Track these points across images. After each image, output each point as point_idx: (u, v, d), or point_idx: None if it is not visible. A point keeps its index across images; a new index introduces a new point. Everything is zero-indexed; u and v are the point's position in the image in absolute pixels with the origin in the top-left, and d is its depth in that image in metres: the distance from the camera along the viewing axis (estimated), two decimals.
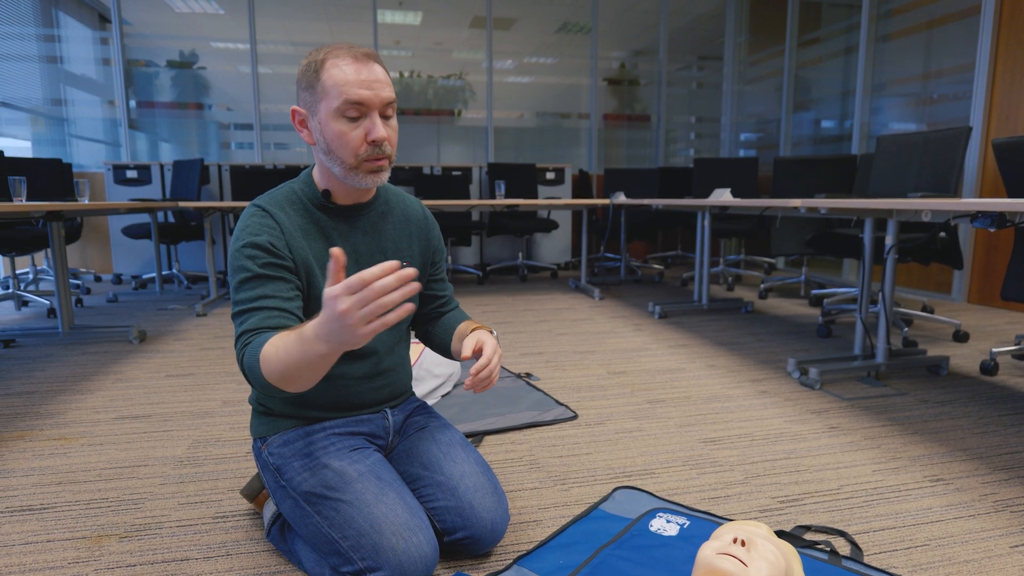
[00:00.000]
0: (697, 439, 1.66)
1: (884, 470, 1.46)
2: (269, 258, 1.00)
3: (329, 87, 0.99)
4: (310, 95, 1.01)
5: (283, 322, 0.97)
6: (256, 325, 0.96)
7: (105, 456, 1.56)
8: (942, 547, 1.14)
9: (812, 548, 1.13)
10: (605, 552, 1.10)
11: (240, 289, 1.00)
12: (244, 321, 0.97)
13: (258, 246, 1.00)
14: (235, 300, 1.00)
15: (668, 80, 6.20)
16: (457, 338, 1.19)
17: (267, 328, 0.96)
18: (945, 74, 3.91)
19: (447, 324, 1.26)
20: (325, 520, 0.98)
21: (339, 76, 0.98)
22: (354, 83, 0.98)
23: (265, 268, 1.00)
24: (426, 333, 1.30)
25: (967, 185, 3.70)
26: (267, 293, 0.99)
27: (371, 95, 0.99)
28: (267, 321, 0.96)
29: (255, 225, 1.02)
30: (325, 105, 0.99)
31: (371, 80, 0.99)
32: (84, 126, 5.27)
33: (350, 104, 0.98)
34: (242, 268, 1.00)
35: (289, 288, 1.01)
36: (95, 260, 5.25)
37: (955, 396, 2.00)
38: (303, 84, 1.02)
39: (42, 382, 2.19)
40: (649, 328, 3.07)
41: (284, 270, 1.01)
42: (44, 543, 1.16)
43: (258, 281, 0.99)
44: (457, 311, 1.31)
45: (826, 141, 5.06)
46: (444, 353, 1.25)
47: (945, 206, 1.62)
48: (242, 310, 0.99)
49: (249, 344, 0.94)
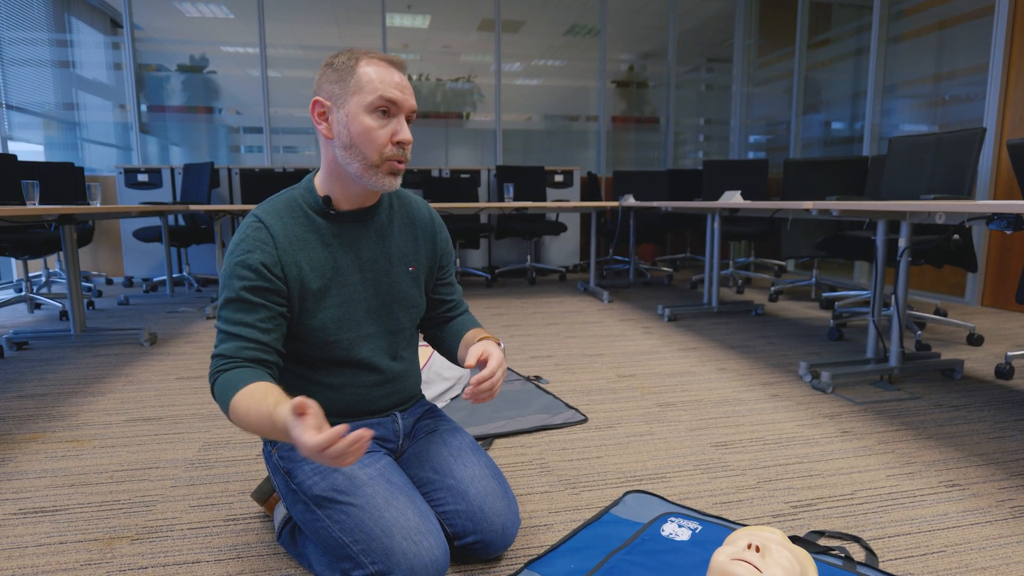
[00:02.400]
0: (708, 443, 1.65)
1: (898, 475, 1.45)
2: (257, 281, 1.00)
3: (364, 82, 1.00)
4: (340, 88, 1.01)
5: (258, 355, 1.00)
6: (232, 353, 0.98)
7: (117, 458, 1.57)
8: (959, 553, 1.12)
9: (826, 554, 1.11)
10: (616, 557, 1.09)
11: (225, 306, 1.02)
12: (222, 341, 1.00)
13: (249, 267, 1.00)
14: (219, 315, 1.03)
15: (677, 82, 6.18)
16: (463, 346, 1.19)
17: (241, 360, 0.98)
18: (957, 75, 3.87)
19: (455, 330, 1.25)
20: (336, 524, 0.98)
21: (376, 74, 1.00)
22: (390, 83, 1.01)
23: (251, 293, 1.00)
24: (434, 338, 1.30)
25: (981, 187, 3.67)
26: (247, 321, 1.00)
27: (403, 98, 1.02)
28: (243, 352, 0.99)
29: (249, 240, 1.02)
30: (357, 99, 1.00)
31: (404, 85, 1.03)
32: (96, 130, 5.32)
33: (385, 100, 1.00)
34: (229, 287, 1.01)
35: (270, 318, 1.02)
36: (107, 263, 5.29)
37: (970, 400, 1.98)
38: (332, 77, 1.02)
39: (54, 384, 2.21)
40: (658, 331, 3.06)
41: (271, 293, 1.02)
42: (57, 545, 1.17)
43: (240, 305, 1.00)
44: (466, 316, 1.30)
45: (836, 143, 5.03)
46: (451, 359, 1.25)
47: (960, 208, 1.60)
48: (222, 329, 1.01)
49: (223, 374, 0.97)
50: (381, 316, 1.14)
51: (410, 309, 1.18)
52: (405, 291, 1.17)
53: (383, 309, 1.14)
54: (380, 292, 1.13)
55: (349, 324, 1.09)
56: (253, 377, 0.95)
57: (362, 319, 1.11)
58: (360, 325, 1.11)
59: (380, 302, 1.13)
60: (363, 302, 1.11)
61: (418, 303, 1.20)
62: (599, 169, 6.13)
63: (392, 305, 1.15)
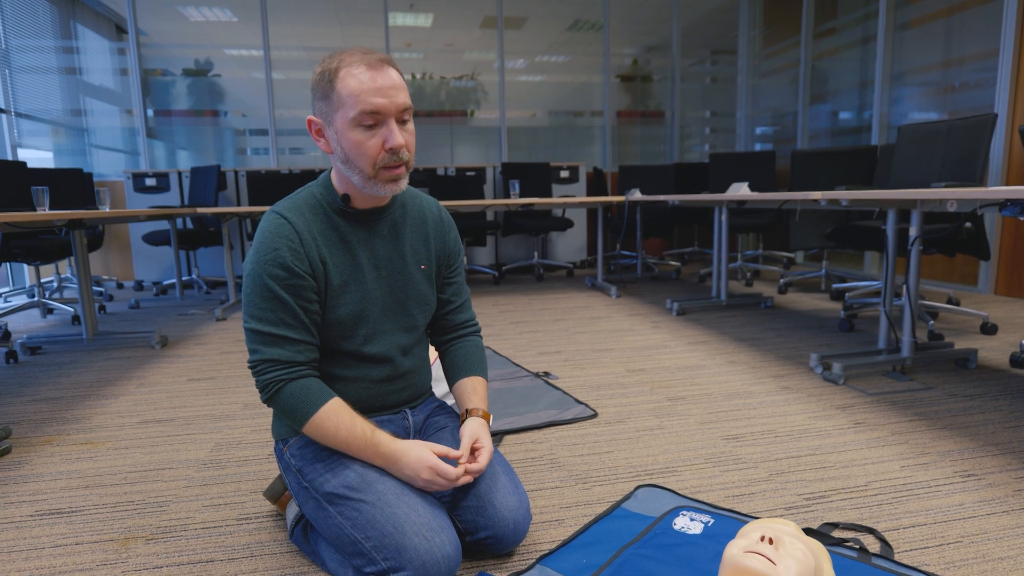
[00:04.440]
0: (719, 436, 1.64)
1: (913, 466, 1.43)
2: (291, 279, 1.01)
3: (344, 96, 0.97)
4: (325, 105, 1.01)
5: (312, 355, 1.05)
6: (288, 358, 1.02)
7: (130, 460, 1.58)
8: (975, 544, 1.11)
9: (841, 546, 1.11)
10: (629, 551, 1.09)
11: (260, 306, 1.01)
12: (268, 344, 1.01)
13: (282, 265, 1.01)
14: (255, 315, 1.01)
15: (682, 75, 6.15)
16: (457, 394, 1.21)
17: (303, 365, 1.03)
18: (967, 61, 3.83)
19: (455, 366, 1.24)
20: (347, 521, 0.98)
21: (354, 85, 0.97)
22: (369, 91, 0.96)
23: (288, 291, 1.01)
24: (438, 345, 1.30)
25: (992, 174, 3.62)
26: (291, 322, 1.02)
27: (386, 103, 0.98)
28: (299, 355, 1.03)
29: (276, 239, 1.02)
30: (341, 115, 0.98)
31: (386, 87, 0.98)
32: (103, 136, 5.36)
33: (366, 113, 0.97)
34: (265, 287, 1.01)
35: (309, 314, 1.04)
36: (117, 267, 5.33)
37: (985, 390, 1.96)
38: (318, 94, 1.01)
39: (68, 388, 2.23)
40: (667, 325, 3.05)
41: (305, 290, 1.03)
42: (73, 546, 1.18)
43: (280, 303, 1.01)
44: (472, 342, 1.27)
45: (844, 133, 4.98)
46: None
47: (972, 194, 1.58)
48: (264, 331, 1.01)
49: (288, 383, 1.01)
50: (396, 313, 1.14)
51: (424, 307, 1.19)
52: (419, 289, 1.17)
53: (398, 307, 1.14)
54: (395, 290, 1.14)
55: (365, 321, 1.10)
56: (327, 395, 1.03)
57: (378, 316, 1.12)
58: (376, 322, 1.11)
59: (395, 300, 1.14)
60: (379, 300, 1.12)
61: (431, 300, 1.21)
62: (605, 164, 6.11)
63: (407, 303, 1.16)
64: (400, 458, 1.01)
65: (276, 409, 1.03)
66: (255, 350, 1.02)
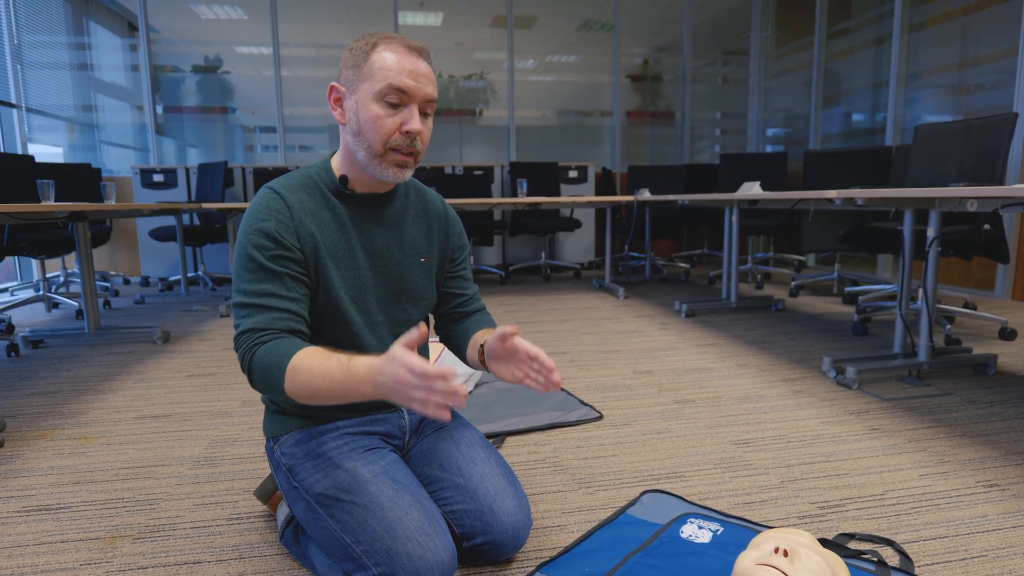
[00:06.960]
0: (729, 441, 1.59)
1: (932, 475, 1.37)
2: (277, 249, 0.97)
3: (376, 69, 0.96)
4: (354, 74, 0.98)
5: (292, 325, 0.96)
6: (265, 325, 0.94)
7: (123, 456, 1.55)
8: (1001, 558, 1.05)
9: (858, 558, 1.05)
10: (633, 560, 1.04)
11: (245, 278, 0.96)
12: (249, 316, 0.95)
13: (266, 234, 0.96)
14: (239, 288, 0.97)
15: (693, 76, 6.08)
16: (472, 346, 1.13)
17: (277, 330, 0.94)
18: (983, 61, 3.75)
19: (466, 331, 1.18)
20: (338, 523, 0.94)
21: (388, 60, 0.96)
22: (402, 71, 0.96)
23: (273, 261, 0.96)
24: (447, 337, 1.24)
25: (1011, 174, 3.54)
26: (273, 291, 0.96)
27: (415, 86, 0.97)
28: (276, 323, 0.94)
29: (264, 210, 0.98)
30: (368, 86, 0.97)
31: (418, 73, 0.97)
32: (114, 132, 5.37)
33: (393, 89, 0.95)
34: (249, 258, 0.96)
35: (296, 286, 0.98)
36: (124, 263, 5.33)
37: (1005, 396, 1.89)
38: (349, 63, 0.99)
39: (66, 382, 2.20)
40: (676, 327, 2.99)
41: (292, 262, 0.98)
42: (58, 543, 1.14)
43: (264, 274, 0.96)
44: (481, 315, 1.23)
45: (857, 135, 4.90)
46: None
47: (993, 193, 1.52)
48: (247, 303, 0.95)
49: (260, 347, 0.91)
50: (389, 306, 1.10)
51: (419, 302, 1.14)
52: (415, 282, 1.12)
53: (391, 299, 1.10)
54: (389, 281, 1.09)
55: (357, 308, 1.05)
56: (299, 346, 0.90)
57: (371, 305, 1.07)
58: (369, 311, 1.07)
59: (389, 291, 1.09)
60: (371, 288, 1.07)
61: (428, 296, 1.16)
62: (614, 165, 6.05)
63: (401, 296, 1.11)
64: (379, 375, 0.80)
65: (256, 383, 0.93)
66: (237, 324, 0.96)
